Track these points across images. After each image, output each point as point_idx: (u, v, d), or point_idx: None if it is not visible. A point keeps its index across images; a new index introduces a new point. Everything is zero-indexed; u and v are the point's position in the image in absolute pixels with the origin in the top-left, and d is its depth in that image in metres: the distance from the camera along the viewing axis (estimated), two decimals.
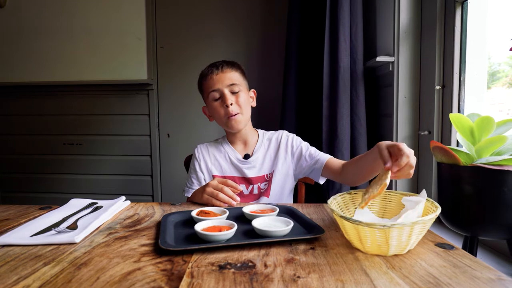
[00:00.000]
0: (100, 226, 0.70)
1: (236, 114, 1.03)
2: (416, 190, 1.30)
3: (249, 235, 0.62)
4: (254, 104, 1.14)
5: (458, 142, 0.80)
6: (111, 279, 0.46)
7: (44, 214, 0.77)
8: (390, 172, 0.62)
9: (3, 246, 0.59)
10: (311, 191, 1.37)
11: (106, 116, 1.97)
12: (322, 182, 1.09)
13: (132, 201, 0.91)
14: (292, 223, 0.63)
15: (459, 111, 1.14)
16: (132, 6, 1.81)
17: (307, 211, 0.81)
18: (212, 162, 1.12)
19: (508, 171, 0.61)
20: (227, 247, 0.57)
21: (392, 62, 1.30)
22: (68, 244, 0.60)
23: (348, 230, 0.56)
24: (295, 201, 1.24)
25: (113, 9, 1.81)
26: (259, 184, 1.09)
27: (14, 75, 1.90)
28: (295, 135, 1.15)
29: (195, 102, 1.92)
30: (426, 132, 1.24)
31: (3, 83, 1.92)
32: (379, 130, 1.47)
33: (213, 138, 1.21)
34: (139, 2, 1.80)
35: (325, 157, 1.06)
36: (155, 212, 0.81)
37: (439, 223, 0.83)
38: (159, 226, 0.68)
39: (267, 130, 1.20)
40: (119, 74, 1.84)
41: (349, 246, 0.58)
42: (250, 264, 0.51)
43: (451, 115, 0.71)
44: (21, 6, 1.86)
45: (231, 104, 1.02)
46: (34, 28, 1.86)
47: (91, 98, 1.96)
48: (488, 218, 0.65)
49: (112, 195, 0.99)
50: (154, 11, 1.91)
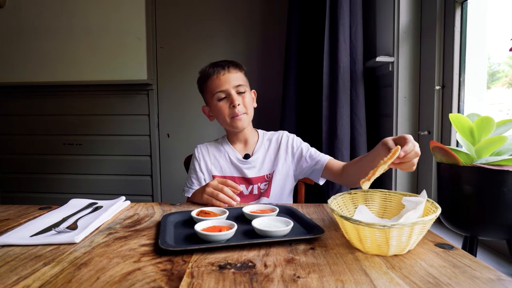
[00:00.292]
0: (100, 226, 0.70)
1: (241, 114, 1.04)
2: (416, 190, 1.30)
3: (249, 235, 0.62)
4: (255, 105, 1.14)
5: (457, 142, 0.80)
6: (111, 279, 0.46)
7: (44, 214, 0.77)
8: (399, 148, 0.61)
9: (3, 246, 0.59)
10: (311, 191, 1.37)
11: (106, 116, 1.97)
12: (322, 183, 1.09)
13: (132, 201, 0.91)
14: (292, 223, 0.63)
15: (459, 111, 1.14)
16: (132, 6, 1.81)
17: (307, 211, 0.81)
18: (212, 162, 1.12)
19: (508, 171, 0.61)
20: (227, 247, 0.57)
21: (392, 62, 1.30)
22: (68, 244, 0.60)
23: (348, 230, 0.56)
24: (295, 201, 1.24)
25: (113, 9, 1.81)
26: (259, 184, 1.09)
27: (14, 75, 1.90)
28: (295, 135, 1.15)
29: (195, 102, 1.92)
30: (426, 132, 1.24)
31: (3, 83, 1.92)
32: (379, 130, 1.47)
33: (213, 138, 1.20)
34: (139, 2, 1.80)
35: (325, 158, 1.06)
36: (155, 212, 0.81)
37: (439, 223, 0.83)
38: (159, 226, 0.68)
39: (267, 130, 1.20)
40: (119, 74, 1.84)
41: (349, 246, 0.58)
42: (250, 264, 0.51)
43: (451, 115, 0.71)
44: (21, 6, 1.86)
45: (238, 105, 1.03)
46: (34, 28, 1.86)
47: (91, 98, 1.96)
48: (488, 218, 0.65)
49: (112, 195, 0.99)
50: (154, 11, 1.91)
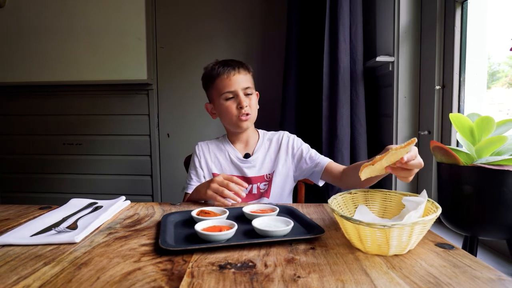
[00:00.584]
0: (100, 226, 0.70)
1: (247, 115, 1.05)
2: (416, 190, 1.30)
3: (249, 235, 0.62)
4: (258, 106, 1.14)
5: (458, 142, 0.80)
6: (111, 279, 0.46)
7: (44, 214, 0.77)
8: (416, 140, 0.59)
9: (3, 246, 0.59)
10: (311, 191, 1.37)
11: (106, 116, 1.96)
12: (321, 185, 1.09)
13: (132, 201, 0.91)
14: (292, 223, 0.63)
15: (459, 111, 1.14)
16: (132, 6, 1.81)
17: (307, 211, 0.81)
18: (212, 160, 1.12)
19: (508, 171, 0.61)
20: (227, 247, 0.57)
21: (392, 62, 1.30)
22: (68, 244, 0.60)
23: (349, 230, 0.56)
24: (295, 201, 1.24)
25: (113, 9, 1.81)
26: (259, 184, 1.09)
27: (14, 75, 1.89)
28: (296, 136, 1.16)
29: (195, 102, 1.92)
30: (426, 132, 1.24)
31: (3, 83, 1.92)
32: (379, 130, 1.47)
33: (213, 137, 1.20)
34: (139, 2, 1.80)
35: (325, 160, 1.06)
36: (155, 212, 0.81)
37: (439, 223, 0.83)
38: (159, 226, 0.68)
39: (267, 130, 1.20)
40: (119, 74, 1.84)
41: (349, 246, 0.58)
42: (250, 264, 0.51)
43: (451, 115, 0.71)
44: (21, 6, 1.86)
45: (246, 106, 1.03)
46: (34, 28, 1.86)
47: (91, 98, 1.96)
48: (488, 218, 0.65)
49: (112, 195, 0.99)
50: (154, 11, 1.91)
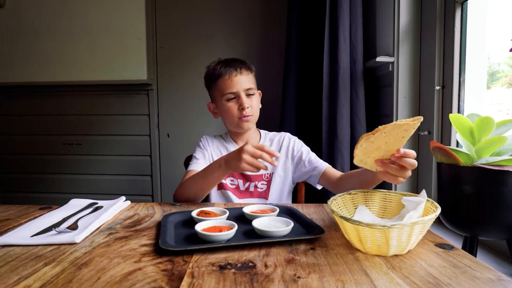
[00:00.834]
0: (101, 226, 0.70)
1: (249, 116, 1.05)
2: (416, 190, 1.30)
3: (249, 235, 0.62)
4: (260, 106, 1.14)
5: (458, 142, 0.80)
6: (111, 279, 0.46)
7: (44, 214, 0.77)
8: (421, 119, 0.58)
9: (4, 246, 0.59)
10: (311, 191, 1.37)
11: (106, 116, 1.96)
12: (319, 188, 1.10)
13: (132, 201, 0.91)
14: (292, 223, 0.63)
15: (459, 112, 1.14)
16: (132, 6, 1.81)
17: (307, 211, 0.81)
18: (216, 153, 1.13)
19: (508, 171, 0.62)
20: (227, 247, 0.57)
21: (392, 63, 1.31)
22: (69, 244, 0.60)
23: (348, 230, 0.57)
24: (295, 201, 1.24)
25: (113, 9, 1.81)
26: (257, 182, 1.10)
27: (14, 75, 1.89)
28: (297, 138, 1.16)
29: (195, 102, 1.92)
30: (426, 133, 1.24)
31: (3, 83, 1.92)
32: None
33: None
34: (139, 2, 1.80)
35: (323, 165, 1.06)
36: (155, 212, 0.81)
37: (439, 223, 0.83)
38: (159, 226, 0.68)
39: (267, 130, 1.20)
40: (119, 74, 1.84)
41: (349, 246, 0.58)
42: (251, 264, 0.51)
43: (451, 116, 0.71)
44: (21, 6, 1.85)
45: (248, 108, 1.03)
46: (34, 28, 1.85)
47: (91, 98, 1.96)
48: (488, 218, 0.65)
49: (112, 195, 0.99)
50: (154, 11, 1.91)
